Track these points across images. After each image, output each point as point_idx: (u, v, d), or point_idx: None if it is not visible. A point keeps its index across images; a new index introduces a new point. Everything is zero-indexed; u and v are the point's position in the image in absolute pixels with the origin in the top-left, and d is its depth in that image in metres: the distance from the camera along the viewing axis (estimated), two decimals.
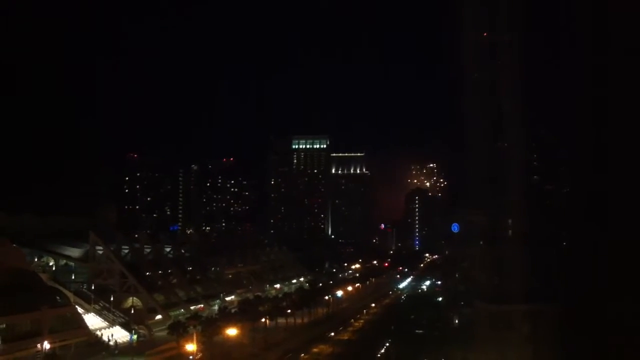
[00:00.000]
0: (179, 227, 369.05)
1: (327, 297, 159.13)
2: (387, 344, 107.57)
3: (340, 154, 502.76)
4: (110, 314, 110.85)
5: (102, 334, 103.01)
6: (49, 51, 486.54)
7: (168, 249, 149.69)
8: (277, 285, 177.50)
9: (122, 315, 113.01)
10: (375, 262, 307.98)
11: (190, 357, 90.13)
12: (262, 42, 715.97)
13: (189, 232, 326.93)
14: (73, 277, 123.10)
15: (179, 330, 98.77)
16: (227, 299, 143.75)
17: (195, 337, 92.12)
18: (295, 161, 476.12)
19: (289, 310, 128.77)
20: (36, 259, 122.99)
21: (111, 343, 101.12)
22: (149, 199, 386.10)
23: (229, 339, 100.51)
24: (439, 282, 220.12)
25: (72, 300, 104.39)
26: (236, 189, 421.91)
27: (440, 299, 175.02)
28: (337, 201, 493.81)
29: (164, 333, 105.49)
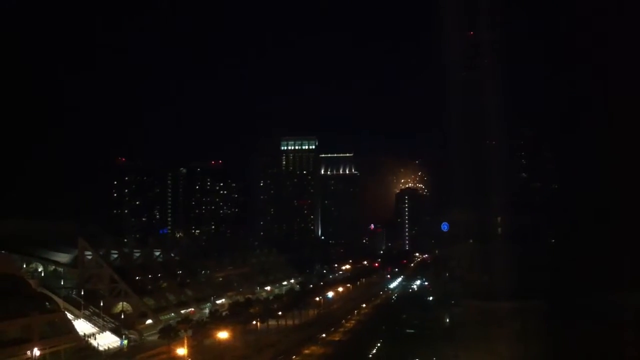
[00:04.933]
0: (168, 231, 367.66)
1: (317, 299, 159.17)
2: (379, 344, 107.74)
3: (329, 155, 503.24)
4: (100, 319, 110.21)
5: (94, 339, 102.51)
6: (33, 53, 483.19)
7: (157, 253, 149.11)
8: (268, 288, 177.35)
9: (112, 320, 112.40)
10: (365, 262, 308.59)
11: None
12: (248, 42, 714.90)
13: (178, 235, 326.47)
14: (62, 283, 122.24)
15: (169, 334, 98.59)
16: (218, 301, 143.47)
17: (186, 341, 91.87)
18: (284, 162, 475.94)
19: (279, 312, 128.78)
20: (25, 265, 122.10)
21: (101, 349, 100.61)
22: (137, 202, 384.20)
23: (220, 342, 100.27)
24: (430, 281, 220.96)
25: (61, 306, 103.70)
26: (225, 192, 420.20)
27: (430, 298, 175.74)
28: (326, 202, 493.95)
29: (155, 337, 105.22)
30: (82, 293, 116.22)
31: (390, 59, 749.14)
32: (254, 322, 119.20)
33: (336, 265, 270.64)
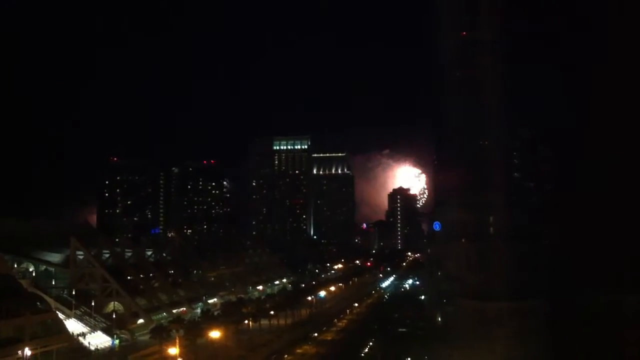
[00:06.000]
0: (161, 230, 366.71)
1: (310, 298, 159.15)
2: (371, 343, 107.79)
3: (322, 155, 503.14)
4: (91, 319, 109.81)
5: (85, 339, 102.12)
6: (26, 55, 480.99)
7: (149, 253, 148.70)
8: (260, 287, 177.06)
9: (103, 320, 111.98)
10: (357, 261, 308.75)
11: None
12: (241, 42, 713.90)
13: (170, 235, 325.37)
14: (54, 283, 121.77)
15: (161, 334, 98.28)
16: (210, 301, 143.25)
17: (178, 341, 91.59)
18: (276, 162, 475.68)
19: (272, 312, 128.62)
20: (16, 265, 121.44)
21: (92, 348, 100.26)
22: (129, 202, 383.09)
23: (213, 341, 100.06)
24: (422, 281, 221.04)
25: (53, 306, 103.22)
26: (217, 191, 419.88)
27: (423, 297, 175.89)
28: (318, 202, 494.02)
29: (146, 337, 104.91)
30: (74, 293, 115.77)
31: (389, 59, 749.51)
32: (247, 322, 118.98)
33: (328, 264, 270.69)
